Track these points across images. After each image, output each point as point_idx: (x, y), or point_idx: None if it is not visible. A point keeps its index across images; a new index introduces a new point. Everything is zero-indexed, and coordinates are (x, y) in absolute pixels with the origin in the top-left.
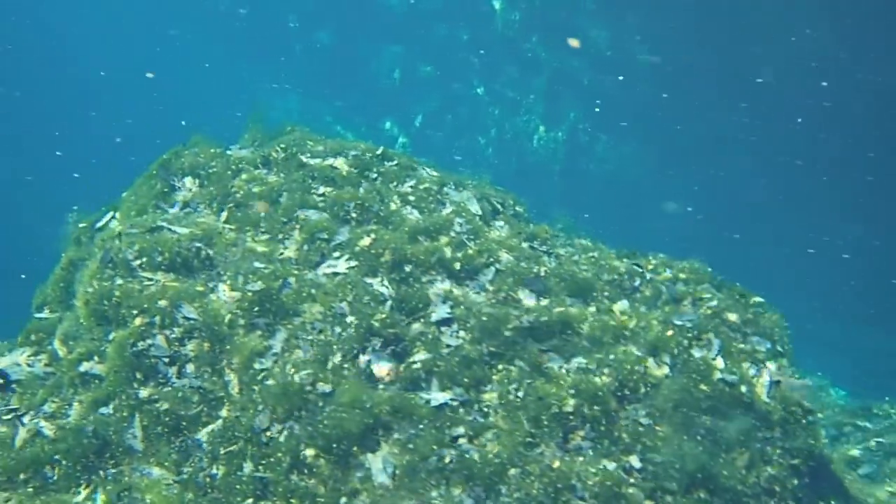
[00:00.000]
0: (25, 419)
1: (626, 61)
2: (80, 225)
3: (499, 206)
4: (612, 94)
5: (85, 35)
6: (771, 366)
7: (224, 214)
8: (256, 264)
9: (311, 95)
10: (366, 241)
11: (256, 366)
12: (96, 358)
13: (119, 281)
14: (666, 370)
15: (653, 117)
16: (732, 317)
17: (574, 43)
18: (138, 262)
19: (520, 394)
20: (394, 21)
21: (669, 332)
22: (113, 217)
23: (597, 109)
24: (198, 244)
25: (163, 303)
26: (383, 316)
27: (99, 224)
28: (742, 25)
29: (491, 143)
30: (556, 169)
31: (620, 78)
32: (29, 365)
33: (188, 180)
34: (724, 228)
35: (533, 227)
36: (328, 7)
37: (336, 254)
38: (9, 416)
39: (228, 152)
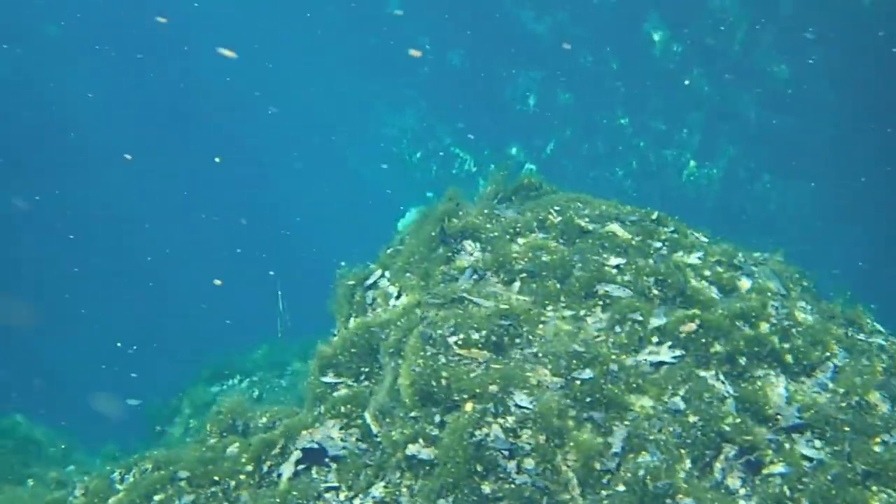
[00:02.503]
0: (356, 502)
1: (805, 99)
2: (349, 282)
3: (789, 282)
4: (783, 132)
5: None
6: None
7: (516, 285)
8: (576, 347)
9: (432, 115)
10: (689, 327)
11: (598, 465)
12: (422, 441)
13: (443, 360)
14: None
15: (829, 159)
16: None
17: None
18: (454, 338)
19: None
20: (536, 47)
21: None
22: (382, 276)
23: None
24: (508, 321)
25: (493, 388)
26: (736, 420)
27: (368, 282)
28: None
29: (631, 175)
30: (708, 206)
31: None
32: (342, 440)
33: (468, 244)
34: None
35: (842, 309)
36: (465, 30)
37: (655, 338)
38: (328, 494)
39: (496, 212)
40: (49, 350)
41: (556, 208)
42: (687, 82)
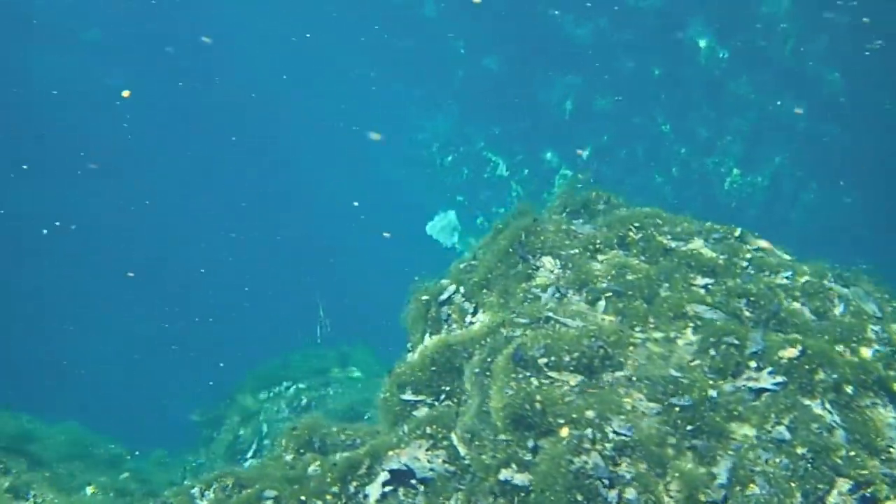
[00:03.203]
0: None
1: (861, 108)
2: (423, 297)
3: (883, 303)
4: (834, 141)
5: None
6: None
7: (601, 304)
8: (672, 372)
9: (465, 119)
10: (790, 352)
11: (703, 497)
12: (515, 466)
13: (536, 383)
14: None
15: (883, 170)
16: None
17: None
18: (544, 360)
19: None
20: (575, 52)
21: None
22: (456, 291)
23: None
24: (598, 342)
25: (590, 413)
26: (849, 452)
27: (442, 297)
28: None
29: (670, 182)
30: (751, 214)
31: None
32: (429, 461)
33: (547, 260)
34: None
35: None
36: (502, 35)
37: (753, 364)
38: None
39: (572, 227)
40: (83, 355)
41: (636, 225)
42: (732, 89)
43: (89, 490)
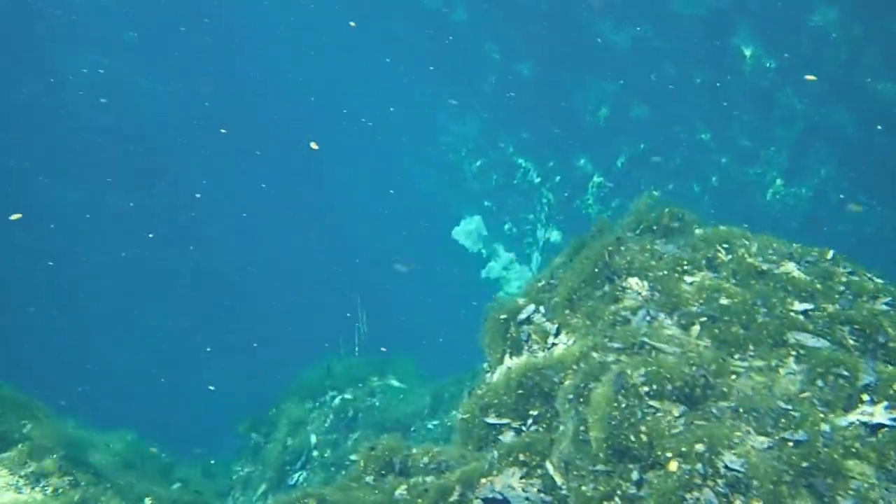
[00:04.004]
0: None
1: None
2: (501, 316)
3: None
4: (887, 153)
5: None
6: None
7: (695, 329)
8: (780, 404)
9: (495, 124)
10: None
11: None
12: (619, 499)
13: (638, 412)
14: None
15: None
16: None
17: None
18: (646, 388)
19: None
20: (612, 58)
21: None
22: (536, 311)
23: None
24: (699, 371)
25: (700, 447)
26: None
27: (521, 317)
28: None
29: (709, 191)
30: (793, 226)
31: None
32: (524, 490)
33: (634, 282)
34: None
35: None
36: (537, 41)
37: (865, 397)
38: None
39: (655, 247)
40: (117, 361)
41: (724, 246)
42: (779, 99)
43: (147, 502)
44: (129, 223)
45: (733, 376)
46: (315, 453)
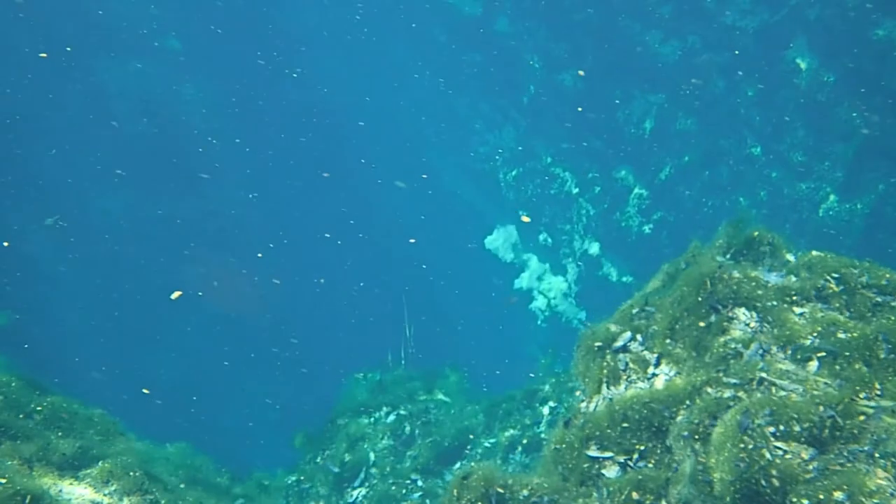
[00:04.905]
0: None
1: None
2: (596, 343)
3: None
4: None
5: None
6: None
7: (813, 365)
8: None
9: (533, 134)
10: None
11: None
12: None
13: (768, 455)
14: None
15: None
16: None
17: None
18: (772, 428)
19: None
20: (659, 70)
21: None
22: (633, 339)
23: None
24: (830, 411)
25: (839, 495)
26: None
27: (617, 345)
28: None
29: (757, 205)
30: (848, 243)
31: None
32: None
33: (741, 312)
34: None
35: None
36: (581, 51)
37: None
38: None
39: (757, 273)
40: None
41: (835, 276)
42: (836, 113)
43: None
44: (172, 231)
45: (862, 417)
46: (374, 471)
